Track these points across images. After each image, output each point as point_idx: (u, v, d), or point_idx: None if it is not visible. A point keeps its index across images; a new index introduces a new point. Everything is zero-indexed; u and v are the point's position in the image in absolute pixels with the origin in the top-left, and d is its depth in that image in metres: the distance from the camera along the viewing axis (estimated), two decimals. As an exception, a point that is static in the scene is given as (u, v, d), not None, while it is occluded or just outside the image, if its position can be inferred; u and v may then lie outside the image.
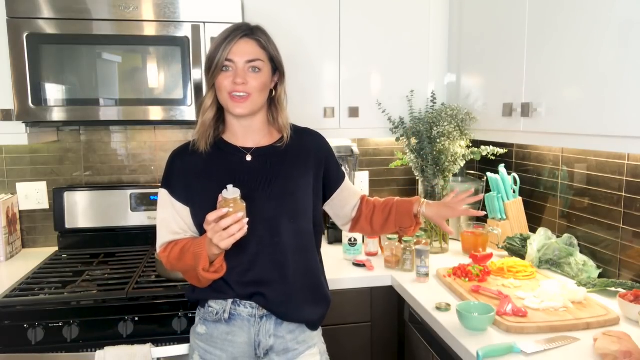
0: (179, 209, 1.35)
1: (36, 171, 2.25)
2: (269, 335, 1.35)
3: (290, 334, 1.36)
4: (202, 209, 1.26)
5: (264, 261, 1.32)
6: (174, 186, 1.35)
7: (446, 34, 2.19)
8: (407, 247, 1.89)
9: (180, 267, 1.33)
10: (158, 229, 1.38)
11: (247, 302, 1.34)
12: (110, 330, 1.61)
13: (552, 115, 1.51)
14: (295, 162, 1.38)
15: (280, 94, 1.39)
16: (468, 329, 1.37)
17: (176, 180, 1.35)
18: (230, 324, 1.34)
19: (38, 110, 1.78)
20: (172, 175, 1.37)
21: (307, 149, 1.42)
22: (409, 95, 2.17)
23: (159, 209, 1.38)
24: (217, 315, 1.35)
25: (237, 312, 1.34)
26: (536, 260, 1.86)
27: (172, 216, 1.35)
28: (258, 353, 1.36)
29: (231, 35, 1.28)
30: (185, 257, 1.29)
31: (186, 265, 1.30)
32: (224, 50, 1.27)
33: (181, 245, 1.32)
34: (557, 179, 1.99)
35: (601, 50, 1.32)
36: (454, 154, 2.05)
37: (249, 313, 1.34)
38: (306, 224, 1.38)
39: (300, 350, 1.37)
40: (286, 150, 1.38)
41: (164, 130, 2.34)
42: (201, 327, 1.38)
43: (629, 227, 1.65)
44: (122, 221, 2.21)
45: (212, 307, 1.36)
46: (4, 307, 1.58)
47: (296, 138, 1.41)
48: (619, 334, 1.23)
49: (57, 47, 1.78)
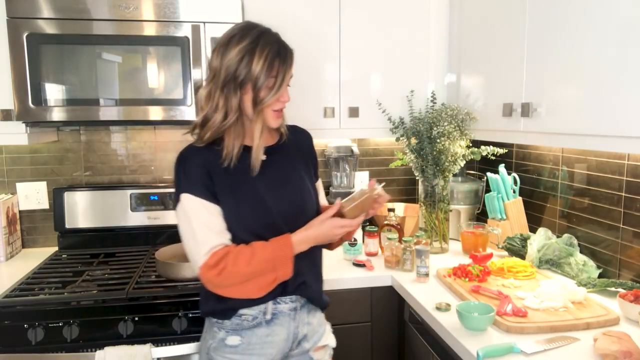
0: (212, 210, 1.27)
1: (36, 171, 2.25)
2: (304, 324, 1.39)
3: (315, 318, 1.42)
4: (241, 202, 1.28)
5: (302, 251, 1.33)
6: (198, 188, 1.27)
7: (446, 34, 2.19)
8: (407, 247, 1.89)
9: (243, 275, 1.24)
10: (199, 235, 1.24)
11: (289, 296, 1.35)
12: (110, 330, 1.61)
13: (552, 115, 1.51)
14: (298, 158, 1.44)
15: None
16: (468, 329, 1.37)
17: (198, 182, 1.27)
18: (270, 325, 1.33)
19: (38, 110, 1.78)
20: (190, 177, 1.28)
21: (303, 145, 1.48)
22: (409, 95, 2.17)
23: (191, 216, 1.26)
24: (254, 320, 1.31)
25: (278, 310, 1.34)
26: (536, 260, 1.86)
27: (209, 218, 1.26)
28: (292, 347, 1.38)
29: (287, 61, 1.28)
30: (255, 263, 1.23)
31: (254, 272, 1.23)
32: (286, 70, 1.28)
33: (249, 252, 1.24)
34: (557, 179, 1.99)
35: (601, 50, 1.32)
36: (454, 154, 2.05)
37: (290, 307, 1.35)
38: (315, 213, 1.41)
39: (321, 331, 1.45)
40: (288, 147, 1.43)
41: (164, 130, 2.34)
42: (233, 338, 1.31)
43: (629, 227, 1.65)
44: (122, 221, 2.21)
45: (246, 314, 1.31)
46: (4, 307, 1.58)
47: (291, 135, 1.45)
48: (619, 334, 1.23)
49: (57, 47, 1.78)
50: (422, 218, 2.21)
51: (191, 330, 1.65)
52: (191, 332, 1.65)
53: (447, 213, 2.15)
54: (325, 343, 1.46)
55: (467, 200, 2.32)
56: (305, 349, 1.41)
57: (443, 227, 2.14)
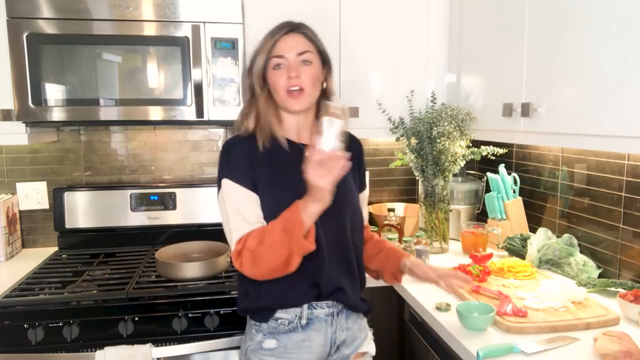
0: (250, 197, 1.26)
1: (36, 171, 2.25)
2: (342, 330, 1.36)
3: (355, 324, 1.40)
4: (277, 193, 1.26)
5: (337, 255, 1.32)
6: (239, 174, 1.27)
7: (446, 34, 2.19)
8: (407, 247, 1.89)
9: (265, 254, 1.20)
10: (232, 223, 1.25)
11: (325, 301, 1.33)
12: (110, 330, 1.61)
13: (552, 115, 1.51)
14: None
15: (330, 87, 1.38)
16: (468, 329, 1.37)
17: (240, 169, 1.28)
18: (306, 330, 1.31)
19: (38, 110, 1.78)
20: (233, 164, 1.29)
21: (354, 152, 1.36)
22: (409, 95, 2.17)
23: (227, 201, 1.26)
24: (290, 324, 1.30)
25: (314, 315, 1.32)
26: (536, 260, 1.86)
27: (245, 204, 1.26)
28: (331, 352, 1.36)
29: (277, 32, 1.28)
30: (272, 236, 1.18)
31: (273, 246, 1.18)
32: (272, 47, 1.26)
33: (259, 230, 1.22)
34: (557, 179, 1.99)
35: (601, 50, 1.32)
36: (454, 154, 2.05)
37: (326, 313, 1.33)
38: (360, 220, 1.41)
39: (362, 337, 1.42)
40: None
41: (164, 130, 2.34)
42: (270, 341, 1.31)
43: (629, 227, 1.65)
44: (122, 221, 2.21)
45: (282, 317, 1.31)
46: (4, 307, 1.58)
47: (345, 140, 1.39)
48: (619, 334, 1.23)
49: (57, 47, 1.78)
50: (422, 218, 2.21)
51: (191, 330, 1.66)
52: (191, 332, 1.66)
53: (447, 213, 2.15)
54: (365, 350, 1.42)
55: (467, 200, 2.32)
56: (345, 354, 1.38)
57: (443, 227, 2.14)
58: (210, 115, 1.89)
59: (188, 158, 2.38)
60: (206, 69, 1.86)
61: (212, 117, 1.90)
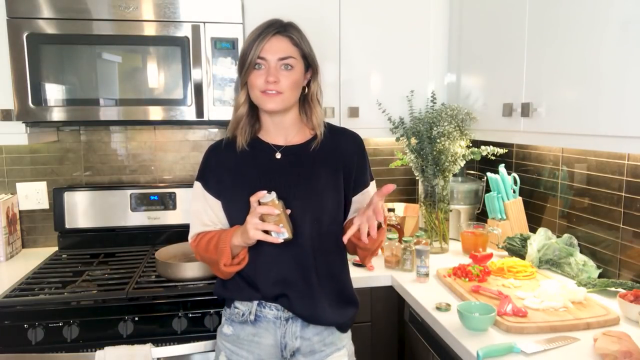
0: (210, 202, 1.38)
1: (36, 171, 2.25)
2: (295, 337, 1.34)
3: (317, 336, 1.35)
4: (233, 201, 1.34)
5: (287, 261, 1.31)
6: (207, 180, 1.39)
7: (446, 34, 2.19)
8: (407, 247, 1.89)
9: (206, 258, 1.37)
10: (191, 220, 1.42)
11: (273, 304, 1.33)
12: (110, 330, 1.61)
13: (552, 115, 1.51)
14: (325, 163, 1.35)
15: (313, 91, 1.37)
16: (469, 329, 1.37)
17: (210, 174, 1.39)
18: (256, 326, 1.35)
19: (38, 110, 1.78)
20: (206, 169, 1.40)
21: (339, 149, 1.37)
22: (409, 95, 2.17)
23: (193, 200, 1.41)
24: (243, 316, 1.35)
25: (262, 313, 1.34)
26: (536, 260, 1.86)
27: (203, 208, 1.38)
28: (284, 354, 1.35)
29: (263, 32, 1.28)
30: (210, 249, 1.33)
31: (211, 257, 1.33)
32: (256, 48, 1.27)
33: (208, 237, 1.35)
34: (557, 179, 1.99)
35: (601, 50, 1.32)
36: (454, 154, 2.05)
37: (274, 315, 1.34)
38: (331, 226, 1.34)
39: (327, 352, 1.37)
40: (317, 149, 1.35)
41: (164, 130, 2.34)
42: (228, 327, 1.39)
43: (629, 227, 1.65)
44: (122, 221, 2.21)
45: (238, 308, 1.37)
46: (4, 307, 1.58)
47: (330, 137, 1.38)
48: (619, 334, 1.23)
49: (57, 47, 1.78)
50: (422, 218, 2.21)
51: (191, 330, 1.66)
52: (191, 332, 1.66)
53: (447, 213, 2.15)
54: None
55: (467, 200, 2.32)
56: None
57: (443, 227, 2.14)
58: (210, 115, 1.89)
59: (188, 158, 2.38)
60: (206, 69, 1.87)
61: (212, 117, 1.90)
